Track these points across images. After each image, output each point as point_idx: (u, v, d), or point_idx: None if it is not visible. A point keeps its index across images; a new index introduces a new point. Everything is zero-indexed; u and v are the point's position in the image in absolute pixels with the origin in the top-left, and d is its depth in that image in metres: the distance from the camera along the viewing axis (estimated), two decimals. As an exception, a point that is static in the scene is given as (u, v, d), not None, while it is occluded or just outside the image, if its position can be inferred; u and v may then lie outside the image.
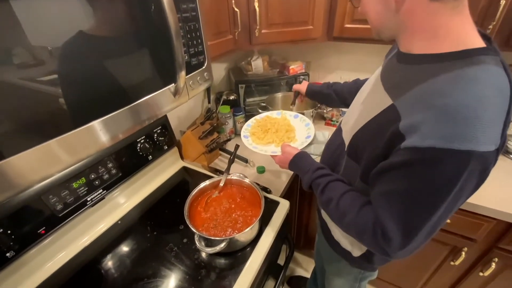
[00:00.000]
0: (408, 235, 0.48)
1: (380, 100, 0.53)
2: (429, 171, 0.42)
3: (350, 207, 0.57)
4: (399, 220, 0.48)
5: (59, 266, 0.76)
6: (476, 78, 0.40)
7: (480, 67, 0.41)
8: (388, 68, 0.58)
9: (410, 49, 0.50)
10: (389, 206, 0.49)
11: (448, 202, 0.44)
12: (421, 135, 0.41)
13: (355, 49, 1.40)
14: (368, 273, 0.83)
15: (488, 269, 1.03)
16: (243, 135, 0.90)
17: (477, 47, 0.43)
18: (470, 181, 0.42)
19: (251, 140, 0.89)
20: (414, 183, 0.45)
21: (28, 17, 0.38)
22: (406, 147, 0.43)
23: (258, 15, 0.98)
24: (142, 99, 0.58)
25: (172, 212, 0.93)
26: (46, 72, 0.42)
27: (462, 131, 0.38)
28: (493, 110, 0.39)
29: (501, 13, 0.81)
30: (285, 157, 0.75)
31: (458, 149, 0.38)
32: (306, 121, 0.96)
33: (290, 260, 0.95)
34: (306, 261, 1.71)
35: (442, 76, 0.42)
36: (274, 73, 1.39)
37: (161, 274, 0.73)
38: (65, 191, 0.75)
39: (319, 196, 0.65)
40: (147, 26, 0.55)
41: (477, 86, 0.39)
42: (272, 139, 0.88)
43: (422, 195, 0.45)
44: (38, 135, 0.43)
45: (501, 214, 0.89)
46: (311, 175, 0.67)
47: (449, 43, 0.44)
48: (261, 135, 0.90)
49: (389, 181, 0.49)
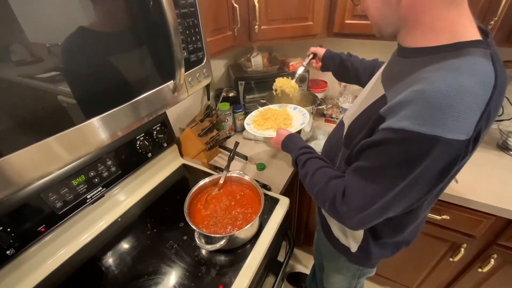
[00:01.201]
0: (365, 203, 0.52)
1: (376, 91, 0.56)
2: (394, 150, 0.45)
3: (321, 178, 0.62)
4: (360, 187, 0.52)
5: (59, 263, 0.76)
6: (458, 68, 0.41)
7: (465, 58, 0.42)
8: (390, 62, 0.61)
9: (408, 44, 0.51)
10: (355, 175, 0.54)
11: (406, 184, 0.46)
12: (397, 117, 0.43)
13: (355, 45, 1.39)
14: (367, 270, 0.83)
15: (487, 265, 1.03)
16: (246, 123, 0.98)
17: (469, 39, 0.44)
18: (433, 167, 0.44)
19: (252, 126, 0.97)
20: (380, 159, 0.49)
21: (26, 13, 0.37)
22: (383, 128, 0.46)
23: (257, 11, 0.97)
24: (141, 96, 0.58)
25: (172, 209, 0.93)
26: (44, 69, 0.42)
27: (432, 117, 0.40)
28: (470, 101, 0.39)
29: (502, 9, 0.80)
30: (279, 138, 0.81)
31: (424, 133, 0.40)
32: (303, 111, 1.01)
33: (290, 256, 0.95)
34: (306, 257, 1.72)
35: (429, 67, 0.44)
36: (274, 69, 1.38)
37: (161, 271, 0.73)
38: (65, 188, 0.75)
39: (300, 171, 0.70)
40: (145, 22, 0.54)
41: (458, 76, 0.40)
42: (270, 125, 0.96)
43: (383, 171, 0.49)
44: (36, 132, 0.42)
45: (500, 211, 0.89)
46: (296, 152, 0.73)
47: (445, 36, 0.45)
48: (261, 122, 0.98)
49: (363, 157, 0.53)
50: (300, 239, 1.64)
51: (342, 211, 0.55)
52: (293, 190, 1.30)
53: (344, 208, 0.55)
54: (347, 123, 0.67)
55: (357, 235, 0.71)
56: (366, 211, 0.52)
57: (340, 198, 0.55)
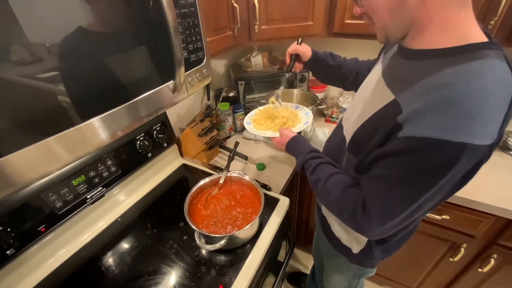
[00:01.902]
0: (388, 215, 0.50)
1: (382, 96, 0.53)
2: (419, 159, 0.43)
3: (336, 186, 0.60)
4: (383, 200, 0.50)
5: (59, 263, 0.76)
6: (480, 72, 0.40)
7: (484, 61, 0.41)
8: (391, 64, 0.58)
9: (416, 45, 0.49)
10: (376, 189, 0.51)
11: (432, 192, 0.45)
12: (420, 125, 0.41)
13: (355, 45, 1.39)
14: (367, 270, 0.83)
15: (487, 265, 1.03)
16: (246, 122, 0.94)
17: (480, 41, 0.43)
18: (459, 173, 0.43)
19: (252, 126, 0.93)
20: (405, 170, 0.46)
21: (26, 13, 0.37)
22: (404, 136, 0.44)
23: (257, 10, 0.97)
24: (141, 96, 0.57)
25: (172, 209, 0.93)
26: (44, 69, 0.42)
27: (459, 124, 0.38)
28: (495, 105, 0.38)
29: (502, 9, 0.80)
30: (283, 139, 0.78)
31: (452, 141, 0.39)
32: (306, 110, 0.97)
33: (290, 256, 0.95)
34: (305, 257, 1.72)
35: (447, 70, 0.42)
36: (274, 69, 1.38)
37: (162, 271, 0.73)
38: (65, 188, 0.75)
39: (309, 176, 0.67)
40: (145, 22, 0.54)
41: (482, 80, 0.39)
42: (271, 125, 0.91)
43: (409, 183, 0.46)
44: (36, 132, 0.42)
45: (500, 211, 0.89)
46: (304, 156, 0.70)
47: (455, 37, 0.44)
48: (262, 121, 0.94)
49: (383, 166, 0.50)
50: (300, 239, 1.64)
51: (363, 224, 0.53)
52: (293, 190, 1.30)
53: (365, 220, 0.53)
54: (348, 127, 0.65)
55: (361, 238, 0.70)
56: (390, 223, 0.50)
57: (361, 210, 0.53)
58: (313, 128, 1.27)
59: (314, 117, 1.23)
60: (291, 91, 1.33)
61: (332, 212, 0.65)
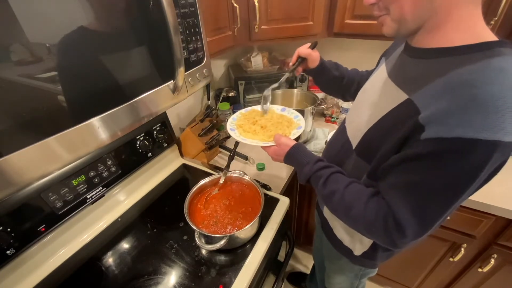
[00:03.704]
0: (425, 226, 0.47)
1: (393, 96, 0.52)
2: (455, 161, 0.41)
3: (356, 199, 0.55)
4: (417, 211, 0.46)
5: (59, 263, 0.76)
6: (503, 68, 0.39)
7: (503, 58, 0.41)
8: (398, 65, 0.57)
9: (427, 43, 0.48)
10: (405, 197, 0.47)
11: (468, 191, 0.43)
12: (448, 125, 0.40)
13: (355, 45, 1.39)
14: (369, 270, 0.83)
15: (487, 265, 1.03)
16: (230, 128, 0.82)
17: (492, 40, 0.43)
18: (489, 170, 0.42)
19: (237, 132, 0.81)
20: (438, 174, 0.43)
21: (26, 12, 0.37)
22: (429, 138, 0.42)
23: (257, 10, 0.98)
24: (141, 96, 0.57)
25: (172, 209, 0.93)
26: (44, 69, 0.42)
27: (491, 121, 0.38)
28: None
29: (502, 9, 0.80)
30: (281, 149, 0.69)
31: (485, 139, 0.38)
32: (294, 113, 0.87)
33: (290, 256, 0.95)
34: (306, 257, 1.72)
35: (466, 67, 0.41)
36: (274, 69, 1.38)
37: (162, 271, 0.73)
38: (65, 188, 0.75)
39: (321, 189, 0.61)
40: (145, 22, 0.54)
41: (506, 77, 0.39)
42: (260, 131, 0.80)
43: (445, 187, 0.44)
44: (37, 132, 0.42)
45: (500, 211, 0.89)
46: (311, 167, 0.63)
47: (468, 36, 0.44)
48: (248, 127, 0.82)
49: (406, 172, 0.47)
50: (300, 239, 1.64)
51: (396, 240, 0.50)
52: (293, 190, 1.30)
53: (399, 235, 0.49)
54: (353, 129, 0.64)
55: (365, 241, 0.69)
56: (426, 233, 0.48)
57: (393, 225, 0.49)
58: (313, 128, 1.27)
59: (314, 117, 1.23)
60: (291, 91, 1.33)
61: (356, 228, 0.59)
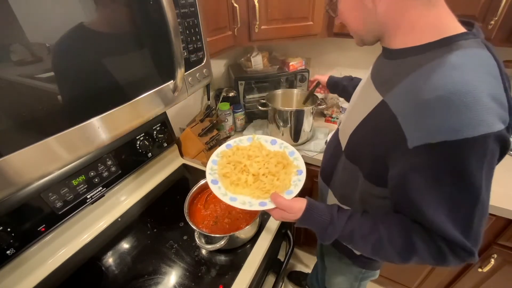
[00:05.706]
0: (467, 230, 0.45)
1: (371, 97, 0.53)
2: (452, 163, 0.41)
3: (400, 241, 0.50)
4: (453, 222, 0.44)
5: (59, 263, 0.76)
6: (459, 64, 0.40)
7: (460, 51, 0.41)
8: (377, 65, 0.59)
9: (394, 45, 0.50)
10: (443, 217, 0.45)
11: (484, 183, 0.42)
12: (428, 131, 0.40)
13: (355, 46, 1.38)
14: (370, 273, 0.82)
15: (487, 265, 1.03)
16: (211, 179, 0.63)
17: (455, 33, 0.43)
18: (494, 158, 0.41)
19: (221, 185, 0.62)
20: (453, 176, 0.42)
21: (26, 12, 0.37)
22: (417, 145, 0.42)
23: (257, 10, 0.98)
24: (141, 96, 0.57)
25: (172, 209, 0.93)
26: (44, 69, 0.42)
27: (467, 119, 0.37)
28: (489, 90, 0.38)
29: (502, 9, 0.80)
30: (294, 215, 0.60)
31: (472, 136, 0.38)
32: (288, 148, 0.70)
33: (290, 256, 0.95)
34: (306, 257, 1.72)
35: (425, 67, 0.43)
36: (274, 69, 1.38)
37: (162, 271, 0.73)
38: (65, 188, 0.75)
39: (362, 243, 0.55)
40: (145, 22, 0.54)
41: (464, 72, 0.39)
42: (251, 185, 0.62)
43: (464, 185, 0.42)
44: (36, 132, 0.42)
45: (500, 211, 0.89)
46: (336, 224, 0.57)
47: (429, 34, 0.45)
48: (236, 176, 0.63)
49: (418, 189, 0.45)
50: (300, 239, 1.64)
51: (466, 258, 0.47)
52: (293, 190, 1.30)
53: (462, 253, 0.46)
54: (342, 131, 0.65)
55: None
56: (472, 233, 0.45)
57: (449, 252, 0.47)
58: (313, 128, 1.27)
59: (314, 117, 1.23)
60: (291, 91, 1.33)
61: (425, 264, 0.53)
